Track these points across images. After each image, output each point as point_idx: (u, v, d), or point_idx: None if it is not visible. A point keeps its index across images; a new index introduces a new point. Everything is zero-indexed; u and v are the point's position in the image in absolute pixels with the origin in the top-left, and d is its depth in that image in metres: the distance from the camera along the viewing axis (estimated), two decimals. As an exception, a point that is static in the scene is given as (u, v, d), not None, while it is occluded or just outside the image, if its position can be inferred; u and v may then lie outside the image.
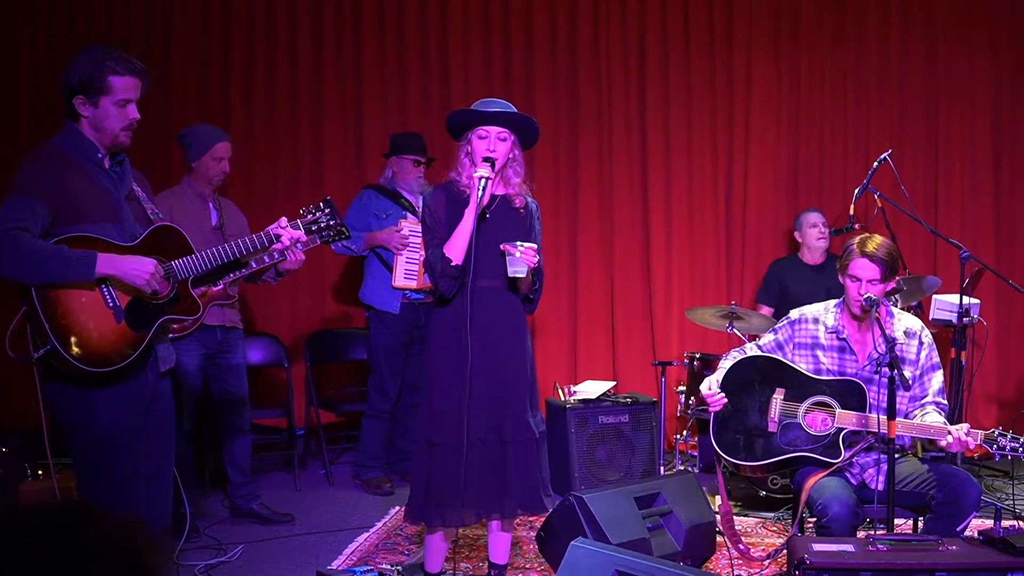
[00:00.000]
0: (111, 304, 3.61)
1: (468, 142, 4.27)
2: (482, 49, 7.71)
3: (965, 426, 4.18)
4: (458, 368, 4.18)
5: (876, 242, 4.37)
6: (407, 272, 6.31)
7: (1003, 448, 4.14)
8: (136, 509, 3.68)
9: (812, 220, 7.08)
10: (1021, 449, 4.12)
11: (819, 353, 4.54)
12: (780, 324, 4.67)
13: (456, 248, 4.18)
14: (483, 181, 4.14)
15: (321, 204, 4.14)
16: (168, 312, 3.76)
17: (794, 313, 4.65)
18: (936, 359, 4.54)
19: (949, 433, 4.17)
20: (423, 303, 6.37)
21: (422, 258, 6.17)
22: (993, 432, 4.16)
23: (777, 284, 7.07)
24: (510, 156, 4.28)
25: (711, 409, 4.50)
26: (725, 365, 4.59)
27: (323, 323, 7.57)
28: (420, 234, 6.21)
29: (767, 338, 4.67)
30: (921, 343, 4.51)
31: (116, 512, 1.61)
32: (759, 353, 4.60)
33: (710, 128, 7.75)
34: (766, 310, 7.01)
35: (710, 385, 4.49)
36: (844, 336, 4.49)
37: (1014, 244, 7.67)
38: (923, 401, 4.43)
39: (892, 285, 4.45)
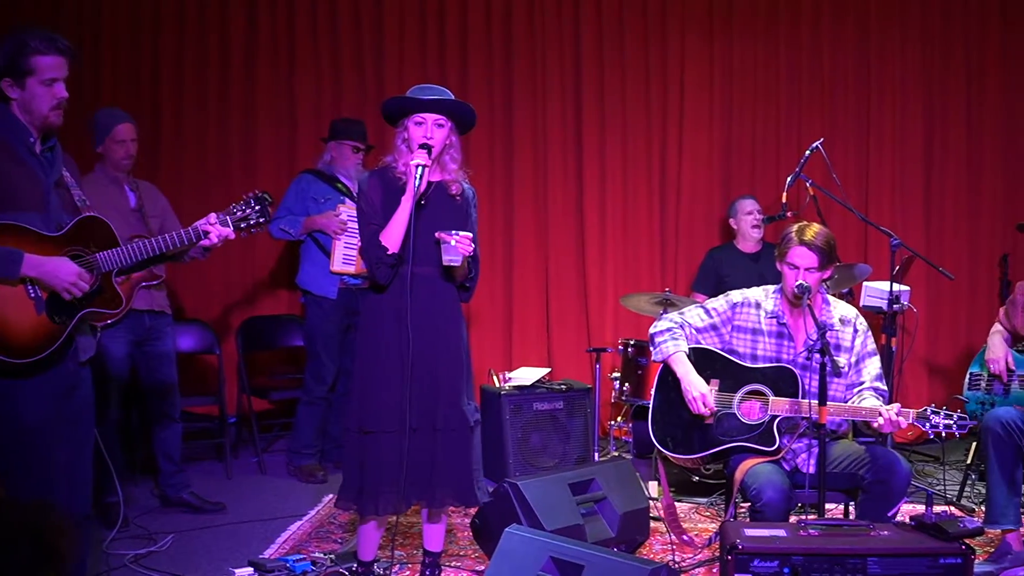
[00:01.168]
0: (32, 295, 3.55)
1: (404, 128, 4.22)
2: (417, 35, 7.66)
3: (896, 406, 4.25)
4: (392, 355, 4.15)
5: (814, 230, 4.40)
6: (345, 257, 6.26)
7: (936, 425, 4.21)
8: (57, 496, 3.61)
9: (747, 207, 7.11)
10: (954, 425, 4.19)
11: (758, 338, 4.56)
12: (718, 304, 4.66)
13: (392, 236, 4.14)
14: (420, 169, 4.10)
15: (252, 200, 4.06)
16: (90, 305, 3.69)
17: (736, 296, 4.65)
18: (872, 346, 4.59)
19: (881, 414, 4.23)
20: (361, 288, 6.32)
21: (360, 243, 6.13)
22: (925, 410, 4.24)
23: (714, 273, 7.09)
24: (447, 142, 4.24)
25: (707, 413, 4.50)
26: (667, 349, 4.58)
27: (256, 309, 7.48)
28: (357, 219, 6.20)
29: (700, 317, 4.64)
30: (856, 331, 4.56)
31: (26, 498, 1.60)
32: (693, 346, 4.60)
33: (644, 115, 7.75)
34: (701, 298, 7.02)
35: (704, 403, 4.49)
36: (784, 322, 4.52)
37: (943, 232, 7.77)
38: (860, 388, 4.47)
39: (829, 273, 4.49)
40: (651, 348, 4.67)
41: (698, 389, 4.45)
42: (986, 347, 5.28)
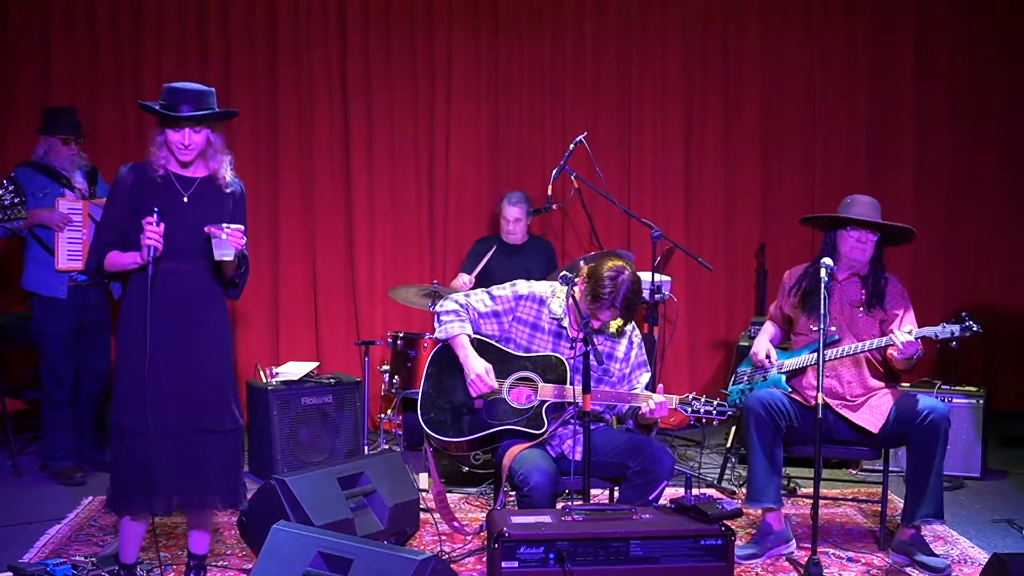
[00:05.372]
0: None
1: (162, 131, 4.07)
2: (178, 32, 7.49)
3: (660, 387, 4.44)
4: (137, 354, 4.02)
5: (631, 292, 4.42)
6: (71, 253, 5.98)
7: (697, 411, 4.39)
8: None
9: (513, 199, 7.18)
10: (714, 412, 4.37)
11: (536, 333, 4.64)
12: (504, 293, 4.69)
13: (114, 268, 4.07)
14: (152, 250, 3.95)
15: (5, 181, 3.86)
16: None
17: (523, 288, 4.70)
18: (644, 358, 4.76)
19: (646, 399, 4.37)
20: (91, 284, 6.11)
21: (85, 237, 5.94)
22: (688, 396, 4.42)
23: (480, 260, 7.12)
24: (207, 143, 4.11)
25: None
26: (453, 329, 4.58)
27: (8, 307, 7.11)
28: (80, 212, 5.97)
29: (484, 303, 4.67)
30: (631, 342, 4.71)
31: None
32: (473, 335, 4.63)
33: (412, 110, 7.74)
34: (466, 278, 7.01)
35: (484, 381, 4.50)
36: (564, 325, 4.61)
37: (702, 223, 8.05)
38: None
39: None
40: (435, 325, 4.67)
41: (477, 370, 4.48)
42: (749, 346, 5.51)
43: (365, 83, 7.66)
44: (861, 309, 5.01)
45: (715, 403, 4.39)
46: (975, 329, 4.65)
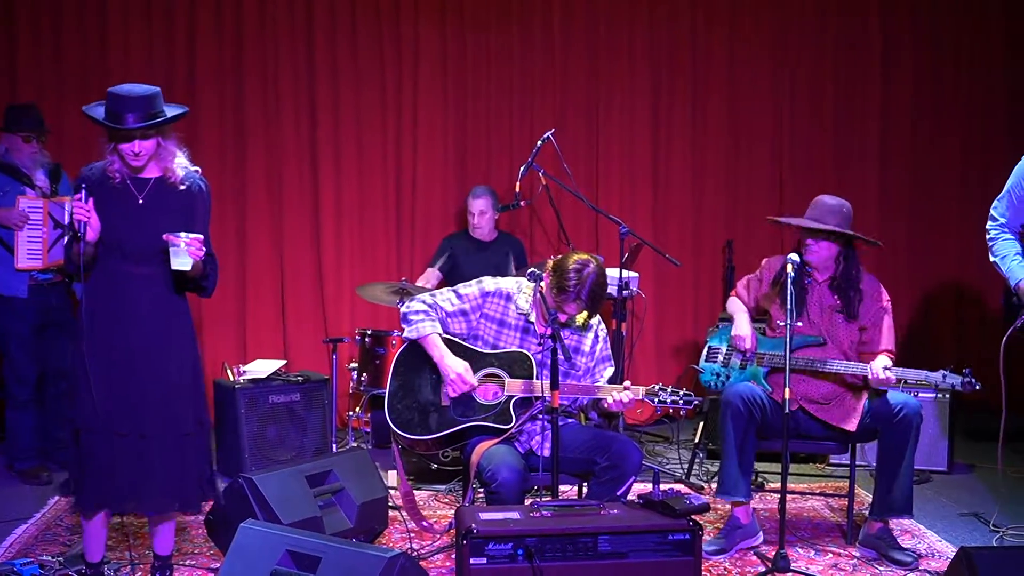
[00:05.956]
0: None
1: (110, 142, 4.02)
2: (143, 28, 7.43)
3: (627, 382, 4.45)
4: (104, 356, 4.00)
5: (597, 285, 4.44)
6: (30, 252, 5.92)
7: (664, 401, 4.40)
8: None
9: (477, 192, 7.17)
10: (681, 402, 4.39)
11: (504, 330, 4.64)
12: (470, 291, 4.69)
13: (75, 262, 3.97)
14: (83, 224, 3.87)
15: None
16: None
17: (489, 284, 4.70)
18: (608, 352, 4.77)
19: (612, 391, 4.40)
20: (53, 283, 6.06)
21: (45, 235, 5.90)
22: (654, 387, 4.43)
23: (448, 256, 7.11)
24: (157, 146, 4.04)
25: None
26: (424, 328, 4.56)
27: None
28: (40, 210, 5.91)
29: (451, 302, 4.66)
30: (597, 336, 4.73)
31: None
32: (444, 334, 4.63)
33: (379, 107, 7.73)
34: (434, 274, 7.00)
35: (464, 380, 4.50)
36: (532, 320, 4.61)
37: (669, 220, 8.08)
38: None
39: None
40: (404, 325, 4.65)
41: (456, 369, 4.48)
42: (722, 323, 5.49)
43: (332, 79, 7.63)
44: (841, 315, 5.02)
45: (681, 393, 4.40)
46: (975, 387, 4.67)
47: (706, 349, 5.35)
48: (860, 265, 5.05)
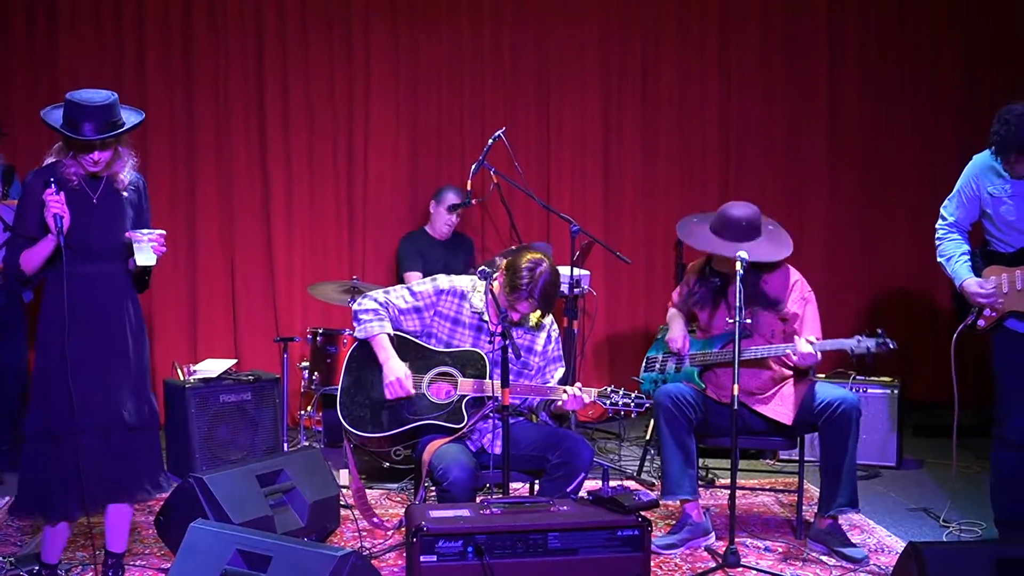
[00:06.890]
0: None
1: (68, 148, 4.04)
2: (93, 29, 7.37)
3: (578, 384, 4.49)
4: (63, 357, 3.97)
5: (549, 283, 4.46)
6: None
7: (616, 403, 4.45)
8: None
9: (447, 200, 7.15)
10: (632, 404, 4.44)
11: (457, 328, 4.66)
12: (424, 288, 4.70)
13: (32, 263, 3.97)
14: (58, 218, 3.88)
15: None
16: None
17: (443, 282, 4.71)
18: (560, 353, 4.82)
19: (564, 391, 4.44)
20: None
21: None
22: (606, 389, 4.48)
23: (418, 255, 7.09)
24: (115, 153, 4.06)
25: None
26: (372, 328, 4.57)
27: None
28: None
29: (404, 299, 4.67)
30: (549, 336, 4.77)
31: None
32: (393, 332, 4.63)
33: (330, 107, 7.71)
34: (415, 276, 6.96)
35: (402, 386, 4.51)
36: (485, 319, 4.63)
37: (621, 218, 8.12)
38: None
39: None
40: (354, 324, 4.66)
41: (396, 374, 4.48)
42: (663, 332, 5.54)
43: (282, 77, 7.60)
44: (759, 305, 5.07)
45: (633, 396, 4.46)
46: (891, 346, 4.73)
47: (644, 360, 5.45)
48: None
